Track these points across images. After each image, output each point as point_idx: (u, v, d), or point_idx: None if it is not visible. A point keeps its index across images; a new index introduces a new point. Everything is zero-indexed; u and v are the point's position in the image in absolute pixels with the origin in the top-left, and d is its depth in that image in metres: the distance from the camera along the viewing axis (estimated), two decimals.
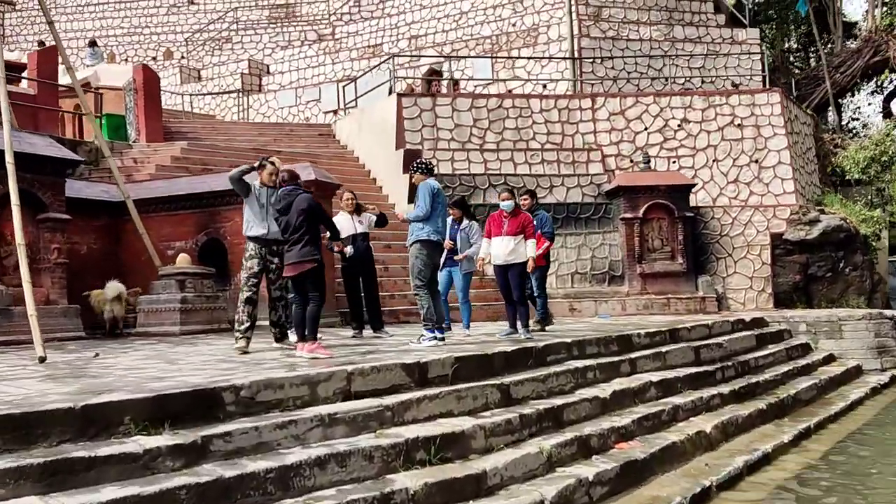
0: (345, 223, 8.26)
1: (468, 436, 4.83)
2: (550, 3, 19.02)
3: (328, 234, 6.83)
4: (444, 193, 7.47)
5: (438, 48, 19.19)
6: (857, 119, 26.23)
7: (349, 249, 8.32)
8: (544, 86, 16.74)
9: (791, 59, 25.89)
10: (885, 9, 20.31)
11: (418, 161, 7.53)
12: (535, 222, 8.10)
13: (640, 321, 10.39)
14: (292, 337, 7.65)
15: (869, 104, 27.64)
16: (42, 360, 6.00)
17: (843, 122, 23.21)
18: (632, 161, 14.09)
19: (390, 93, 16.51)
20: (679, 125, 14.20)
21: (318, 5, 26.24)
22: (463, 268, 8.60)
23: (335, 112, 19.37)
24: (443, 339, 7.10)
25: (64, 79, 14.50)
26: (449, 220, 7.94)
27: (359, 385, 5.02)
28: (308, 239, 6.12)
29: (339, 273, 9.91)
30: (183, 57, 24.99)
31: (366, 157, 15.25)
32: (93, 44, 20.83)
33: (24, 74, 13.51)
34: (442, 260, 7.84)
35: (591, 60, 16.54)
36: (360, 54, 21.11)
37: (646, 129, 14.27)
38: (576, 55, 16.35)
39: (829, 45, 21.58)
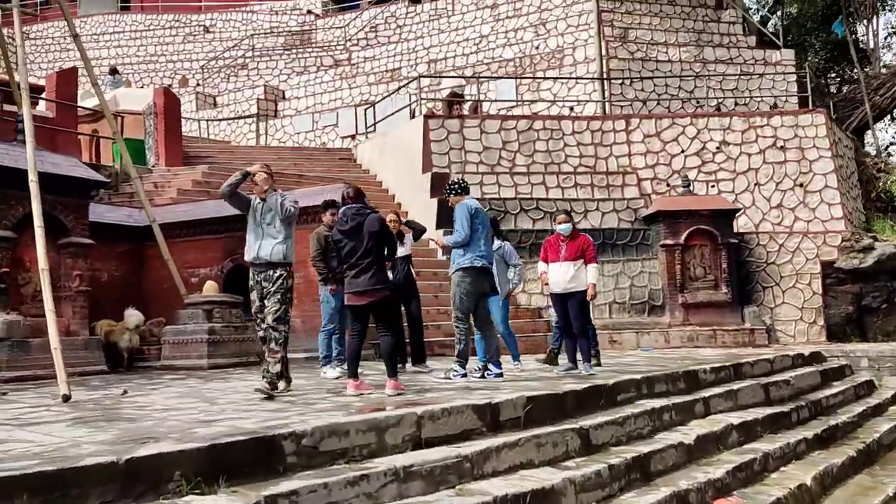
0: None
1: (558, 492, 4.20)
2: (574, 25, 18.71)
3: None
4: (484, 213, 6.79)
5: (458, 72, 18.84)
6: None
7: (390, 275, 7.76)
8: (571, 108, 16.31)
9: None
10: None
11: (451, 181, 6.90)
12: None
13: (690, 355, 9.78)
14: (331, 371, 7.08)
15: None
16: (66, 398, 5.41)
17: (883, 147, 22.71)
18: (668, 185, 13.58)
19: (412, 116, 16.13)
20: (718, 147, 13.71)
21: (334, 31, 26.06)
22: (500, 295, 7.93)
23: (353, 137, 18.98)
24: (500, 374, 6.54)
25: (82, 102, 14.14)
26: None
27: (429, 431, 4.42)
28: (380, 266, 5.57)
29: None
30: (198, 84, 24.74)
31: (389, 180, 14.78)
32: (114, 71, 20.52)
33: (43, 97, 13.09)
34: None
35: (621, 82, 16.12)
36: (377, 79, 20.80)
37: (683, 151, 13.78)
38: (604, 76, 15.94)
39: (866, 69, 21.17)
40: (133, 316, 8.77)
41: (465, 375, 6.51)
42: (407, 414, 4.36)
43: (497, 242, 7.52)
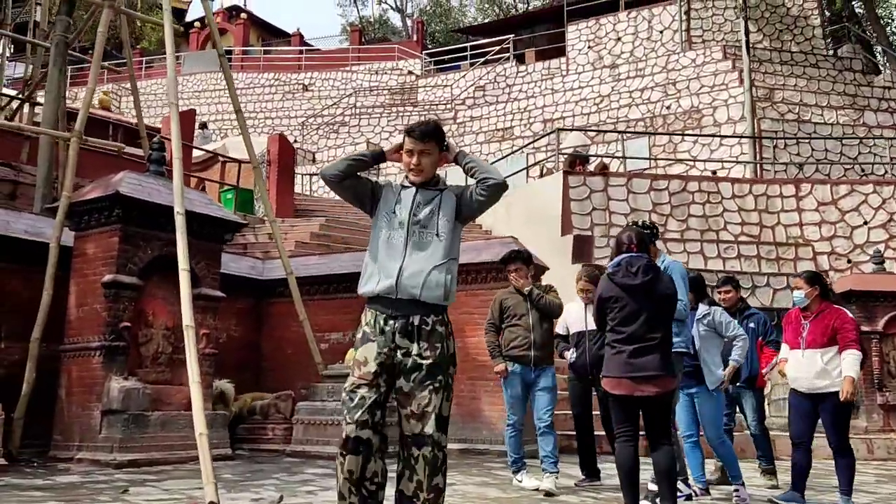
0: (574, 315, 6.06)
1: None
2: (709, 85, 17.28)
3: None
4: None
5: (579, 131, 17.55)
6: None
7: (571, 355, 6.09)
8: (713, 172, 14.65)
9: None
10: None
11: (643, 223, 5.00)
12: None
13: None
14: (528, 481, 5.41)
15: None
16: None
17: None
18: (850, 261, 11.63)
19: (541, 174, 14.82)
20: None
21: (436, 91, 25.46)
22: (710, 383, 5.77)
23: None
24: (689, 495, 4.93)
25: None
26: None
27: None
28: (670, 344, 3.96)
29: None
30: (296, 140, 24.38)
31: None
32: (203, 126, 20.29)
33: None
34: None
35: (774, 144, 14.43)
36: (486, 137, 19.76)
37: (865, 223, 11.85)
38: (757, 136, 14.30)
39: None
40: (218, 387, 7.31)
41: (689, 497, 4.86)
42: None
43: (702, 308, 5.37)
